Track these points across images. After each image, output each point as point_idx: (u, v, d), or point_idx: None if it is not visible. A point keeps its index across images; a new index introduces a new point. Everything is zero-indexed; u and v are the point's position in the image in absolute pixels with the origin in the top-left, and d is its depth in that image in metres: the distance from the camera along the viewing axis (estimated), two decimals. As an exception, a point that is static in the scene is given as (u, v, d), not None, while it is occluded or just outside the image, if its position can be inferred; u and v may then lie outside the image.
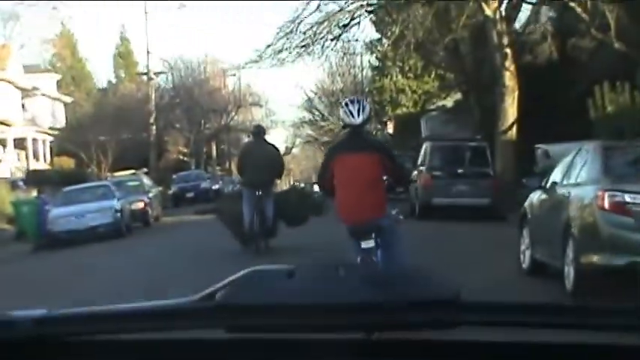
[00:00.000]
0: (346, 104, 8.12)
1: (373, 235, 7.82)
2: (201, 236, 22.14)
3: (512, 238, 15.87)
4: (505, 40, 25.24)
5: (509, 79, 25.27)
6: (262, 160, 14.68)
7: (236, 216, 15.14)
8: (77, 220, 24.28)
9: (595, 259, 8.70)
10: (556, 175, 10.89)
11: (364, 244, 7.75)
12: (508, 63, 25.20)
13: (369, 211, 7.79)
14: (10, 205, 26.77)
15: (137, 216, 28.00)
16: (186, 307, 1.69)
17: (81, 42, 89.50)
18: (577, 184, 9.65)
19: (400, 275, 1.77)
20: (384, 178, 8.09)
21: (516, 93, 25.34)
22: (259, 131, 15.89)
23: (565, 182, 10.26)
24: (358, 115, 7.92)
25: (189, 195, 44.48)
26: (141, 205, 28.66)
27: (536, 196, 11.33)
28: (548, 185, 10.91)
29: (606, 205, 8.61)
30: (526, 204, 11.72)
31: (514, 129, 25.74)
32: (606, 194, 8.63)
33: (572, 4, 22.37)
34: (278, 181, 17.09)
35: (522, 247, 11.66)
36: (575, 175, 9.91)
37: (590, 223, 8.91)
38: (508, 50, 25.17)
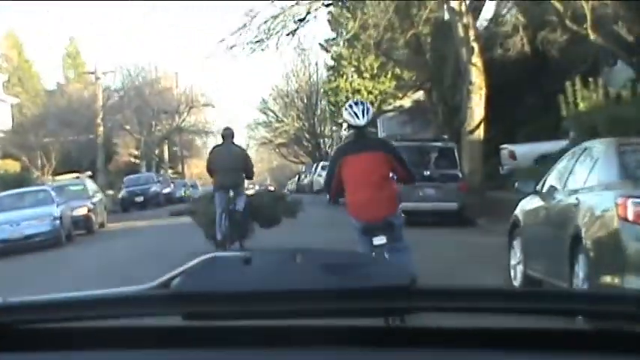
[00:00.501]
0: (350, 106, 8.33)
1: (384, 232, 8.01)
2: (149, 243, 20.69)
3: (491, 248, 14.41)
4: (472, 35, 23.74)
5: (476, 76, 23.75)
6: (232, 162, 15.07)
7: (210, 217, 15.58)
8: (12, 228, 22.31)
9: (615, 280, 7.09)
10: (553, 179, 9.30)
11: (376, 241, 7.90)
12: (475, 58, 23.69)
13: (382, 209, 8.02)
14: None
15: (79, 223, 26.12)
16: (143, 295, 1.68)
17: (29, 43, 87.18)
18: (586, 189, 8.04)
19: (356, 262, 1.74)
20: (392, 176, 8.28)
21: (483, 90, 23.83)
22: (228, 134, 15.86)
23: (568, 187, 8.66)
24: (363, 116, 8.13)
25: (139, 199, 42.86)
26: (83, 211, 26.80)
27: (530, 203, 9.73)
28: (544, 190, 9.33)
29: (630, 215, 7.01)
30: (517, 212, 10.12)
31: (481, 128, 24.26)
32: (630, 202, 7.03)
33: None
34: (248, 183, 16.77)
35: (513, 262, 10.08)
36: (582, 178, 8.30)
37: (608, 237, 7.30)
38: (475, 45, 23.67)
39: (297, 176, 64.45)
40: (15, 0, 72.81)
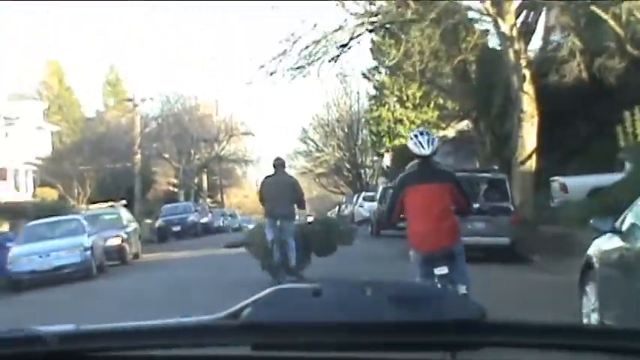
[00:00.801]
0: (415, 136, 8.35)
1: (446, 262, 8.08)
2: (184, 276, 19.94)
3: (552, 289, 13.24)
4: (523, 61, 22.58)
5: (528, 104, 22.59)
6: (282, 191, 15.18)
7: (264, 247, 15.64)
8: (41, 259, 21.45)
9: None
10: (635, 217, 8.12)
11: (438, 271, 7.95)
12: (526, 86, 22.52)
13: (445, 239, 8.08)
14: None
15: (112, 253, 25.21)
16: (212, 325, 1.69)
17: (70, 70, 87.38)
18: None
19: (426, 295, 1.73)
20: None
21: (535, 119, 22.65)
22: (279, 163, 16.05)
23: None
24: (428, 145, 8.17)
25: (176, 229, 42.07)
26: (117, 241, 25.94)
27: (607, 243, 8.53)
28: (624, 229, 8.14)
29: None
30: (591, 252, 8.91)
31: (533, 159, 23.04)
32: None
33: (604, 15, 19.67)
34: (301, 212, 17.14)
35: (585, 309, 8.87)
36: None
37: None
38: (526, 72, 22.50)
39: (337, 207, 63.34)
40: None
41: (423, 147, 8.16)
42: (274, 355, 1.69)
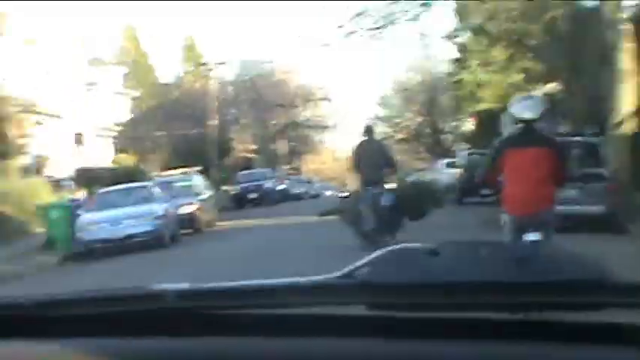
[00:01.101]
0: (520, 100, 8.49)
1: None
2: (263, 243, 19.49)
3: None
4: (622, 15, 20.90)
5: (627, 62, 20.92)
6: (374, 157, 15.44)
7: (357, 215, 15.74)
8: (112, 227, 20.78)
9: None
10: None
11: (532, 237, 7.87)
12: (625, 42, 20.84)
13: (540, 204, 8.00)
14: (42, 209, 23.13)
15: (186, 221, 24.47)
16: (328, 284, 1.67)
17: (146, 36, 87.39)
18: None
19: (546, 255, 1.70)
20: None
21: (635, 78, 20.98)
22: (369, 129, 16.35)
23: None
24: (534, 110, 8.20)
25: (252, 196, 41.35)
26: (190, 209, 25.19)
27: None
28: None
29: None
30: None
31: (631, 121, 21.41)
32: None
33: None
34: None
35: None
36: None
37: None
38: (626, 25, 20.82)
39: (417, 173, 62.12)
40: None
41: (528, 111, 8.16)
42: (392, 314, 1.63)
